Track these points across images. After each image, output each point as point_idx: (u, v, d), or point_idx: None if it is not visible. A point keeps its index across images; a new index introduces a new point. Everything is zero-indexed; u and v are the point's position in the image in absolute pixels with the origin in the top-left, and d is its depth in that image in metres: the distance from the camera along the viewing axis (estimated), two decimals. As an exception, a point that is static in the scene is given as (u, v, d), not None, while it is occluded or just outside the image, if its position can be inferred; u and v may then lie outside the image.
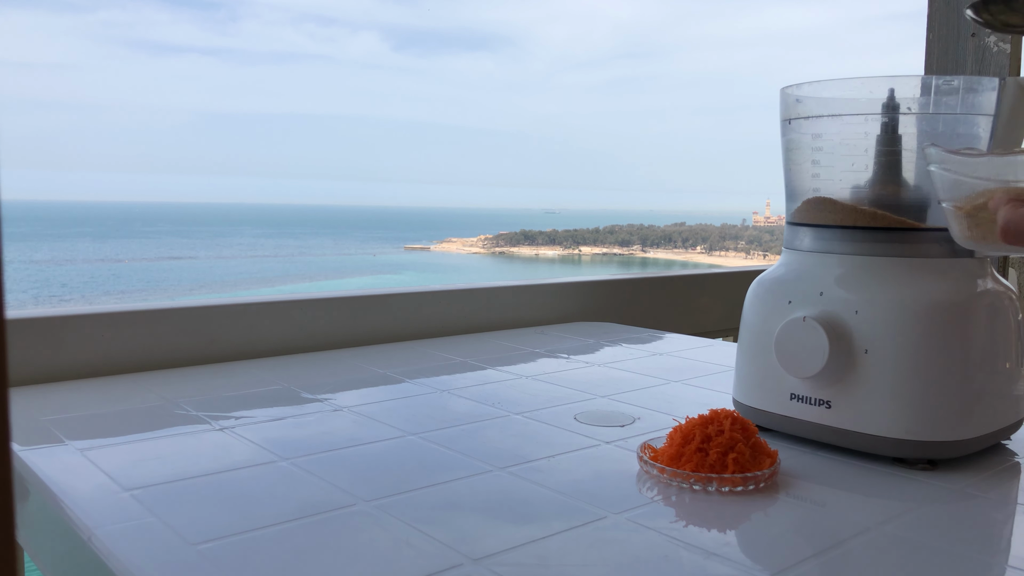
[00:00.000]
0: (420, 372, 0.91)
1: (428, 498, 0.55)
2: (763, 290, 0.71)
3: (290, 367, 0.93)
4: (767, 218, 70.00)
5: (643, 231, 63.92)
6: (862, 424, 0.63)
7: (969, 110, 0.64)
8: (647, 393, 0.84)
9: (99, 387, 0.83)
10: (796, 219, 0.71)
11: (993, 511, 0.56)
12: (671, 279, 1.46)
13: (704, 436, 0.59)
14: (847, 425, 0.64)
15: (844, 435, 0.64)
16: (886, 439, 0.62)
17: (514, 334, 1.16)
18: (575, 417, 0.75)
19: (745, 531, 0.53)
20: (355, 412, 0.75)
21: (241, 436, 0.67)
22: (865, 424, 0.63)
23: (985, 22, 0.66)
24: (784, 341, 0.66)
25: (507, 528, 0.50)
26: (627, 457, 0.64)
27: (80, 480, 0.57)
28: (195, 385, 0.84)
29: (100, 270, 34.69)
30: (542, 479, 0.59)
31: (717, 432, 0.59)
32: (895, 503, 0.56)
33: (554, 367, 0.96)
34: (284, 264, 40.68)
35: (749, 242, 58.56)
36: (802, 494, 0.59)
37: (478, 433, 0.70)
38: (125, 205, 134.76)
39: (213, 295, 15.87)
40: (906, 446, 0.62)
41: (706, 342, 1.13)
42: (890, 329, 0.62)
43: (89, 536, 0.49)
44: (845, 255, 0.66)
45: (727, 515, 0.55)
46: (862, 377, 0.63)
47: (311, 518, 0.51)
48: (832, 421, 0.65)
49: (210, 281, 32.30)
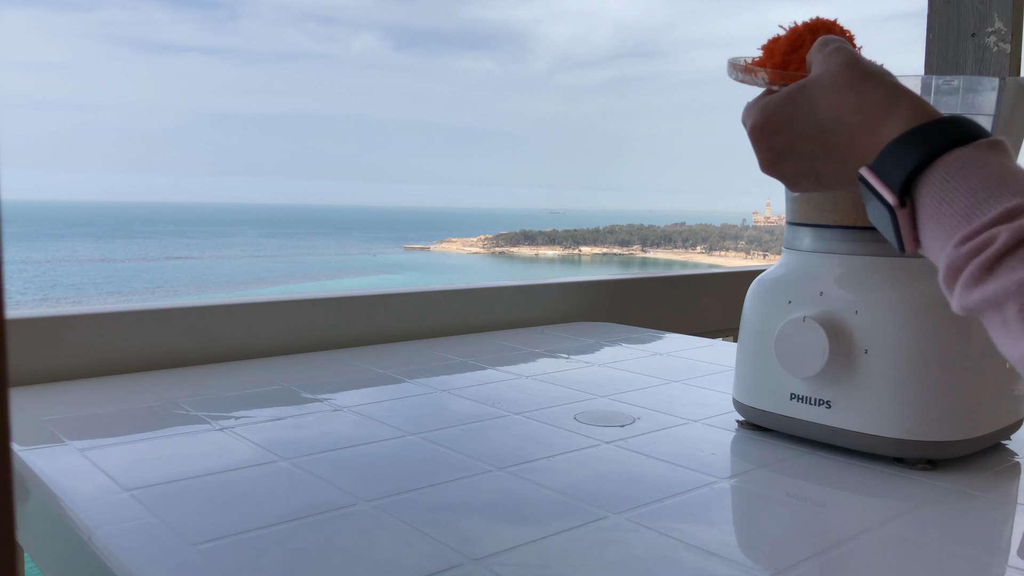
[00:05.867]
0: (420, 372, 0.91)
1: (428, 498, 0.55)
2: (763, 290, 0.71)
3: (290, 367, 0.93)
4: (767, 218, 70.00)
5: (643, 231, 63.93)
6: (862, 424, 0.63)
7: (969, 110, 0.64)
8: (647, 393, 0.84)
9: (99, 387, 0.83)
10: (796, 219, 0.71)
11: (993, 511, 0.56)
12: (671, 279, 1.46)
13: (791, 47, 0.56)
14: (847, 425, 0.64)
15: (844, 435, 0.64)
16: (886, 439, 0.62)
17: (514, 334, 1.16)
18: (575, 417, 0.75)
19: (745, 531, 0.53)
20: (355, 412, 0.75)
21: (241, 436, 0.67)
22: (865, 424, 0.63)
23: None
24: (784, 341, 0.66)
25: (507, 528, 0.50)
26: (627, 457, 0.64)
27: (80, 480, 0.57)
28: (195, 385, 0.84)
29: (100, 270, 34.70)
30: (542, 479, 0.59)
31: (799, 46, 0.56)
32: (895, 503, 0.56)
33: (554, 367, 0.96)
34: (284, 264, 40.69)
35: (749, 242, 58.56)
36: (802, 494, 0.59)
37: (478, 433, 0.70)
38: (125, 205, 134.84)
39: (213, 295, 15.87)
40: (906, 446, 0.62)
41: (706, 342, 1.13)
42: (890, 329, 0.62)
43: (89, 536, 0.49)
44: (845, 255, 0.66)
45: (727, 510, 0.55)
46: (862, 377, 0.63)
47: (311, 518, 0.51)
48: (832, 421, 0.65)
49: (210, 281, 32.31)
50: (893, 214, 0.45)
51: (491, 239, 60.74)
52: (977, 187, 0.41)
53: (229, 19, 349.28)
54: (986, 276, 0.39)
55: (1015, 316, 0.38)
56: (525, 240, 60.64)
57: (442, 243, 60.06)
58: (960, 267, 0.41)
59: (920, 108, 0.46)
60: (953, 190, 0.41)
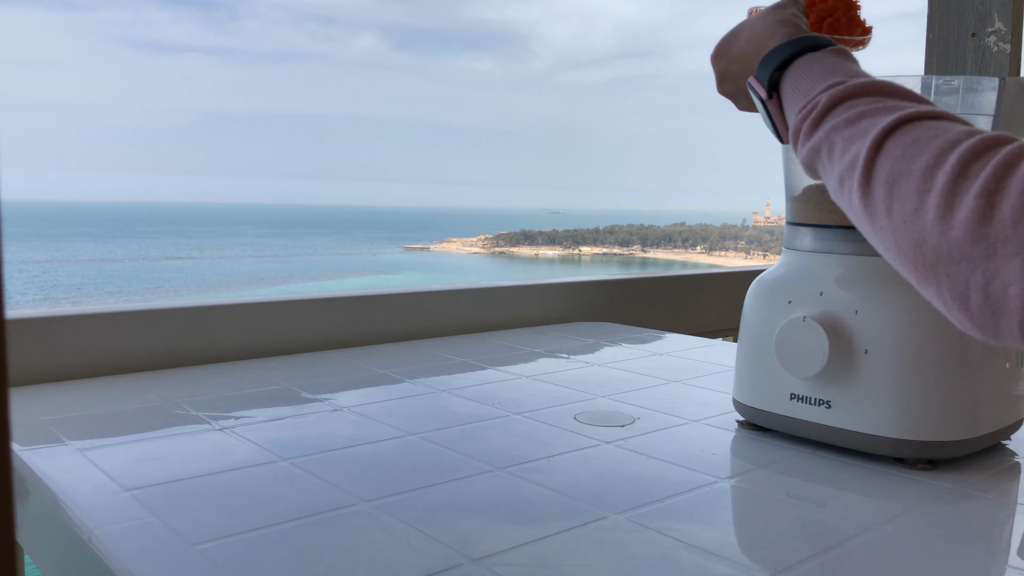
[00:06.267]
0: (420, 372, 0.91)
1: (428, 498, 0.55)
2: (763, 290, 0.71)
3: (290, 367, 0.93)
4: (767, 218, 70.00)
5: (643, 231, 63.93)
6: (862, 424, 0.63)
7: (969, 110, 0.64)
8: (647, 393, 0.84)
9: (99, 387, 0.83)
10: (796, 219, 0.71)
11: (993, 511, 0.56)
12: (671, 279, 1.46)
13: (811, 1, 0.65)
14: (847, 425, 0.64)
15: (844, 435, 0.64)
16: (886, 439, 0.62)
17: (514, 334, 1.16)
18: (575, 417, 0.75)
19: (745, 531, 0.53)
20: (355, 412, 0.75)
21: (241, 436, 0.67)
22: (865, 424, 0.63)
23: None
24: (784, 341, 0.66)
25: (507, 528, 0.50)
26: (627, 457, 0.64)
27: (80, 480, 0.57)
28: (195, 385, 0.84)
29: (100, 270, 34.70)
30: (542, 479, 0.59)
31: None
32: (895, 503, 0.56)
33: (554, 367, 0.96)
34: (284, 264, 40.70)
35: (749, 242, 58.56)
36: (802, 494, 0.59)
37: (478, 433, 0.70)
38: (125, 205, 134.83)
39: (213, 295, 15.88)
40: (906, 446, 0.62)
41: (706, 342, 1.13)
42: (890, 329, 0.62)
43: (89, 536, 0.49)
44: (845, 255, 0.66)
45: (727, 509, 0.55)
46: (862, 377, 0.63)
47: (311, 518, 0.51)
48: (832, 421, 0.65)
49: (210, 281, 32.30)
50: (767, 107, 0.56)
51: (491, 239, 60.74)
52: (816, 75, 0.52)
53: (229, 19, 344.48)
54: (812, 131, 0.50)
55: (827, 158, 0.48)
56: (525, 240, 60.64)
57: (442, 243, 60.06)
58: (798, 128, 0.51)
59: (795, 32, 0.57)
60: (800, 79, 0.53)
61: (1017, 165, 0.38)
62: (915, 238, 0.41)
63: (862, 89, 0.48)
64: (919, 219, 0.41)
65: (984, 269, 0.38)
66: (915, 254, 0.41)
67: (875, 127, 0.44)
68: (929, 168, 0.41)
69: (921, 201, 0.41)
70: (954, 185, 0.39)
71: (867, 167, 0.44)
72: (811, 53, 0.54)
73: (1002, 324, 0.38)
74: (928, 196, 0.40)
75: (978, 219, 0.38)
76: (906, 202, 0.41)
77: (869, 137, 0.44)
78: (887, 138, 0.43)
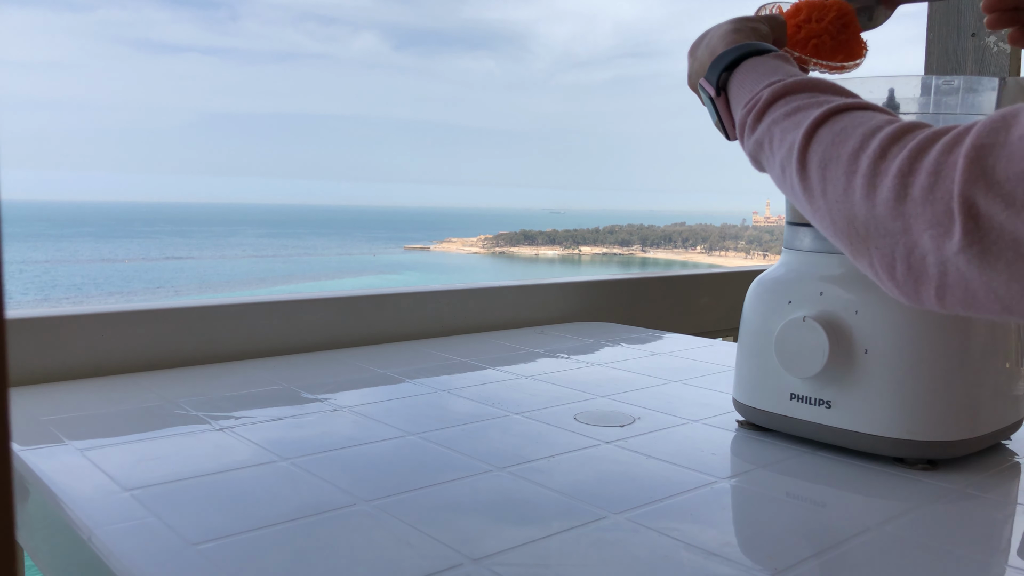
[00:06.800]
0: (420, 372, 0.91)
1: (428, 498, 0.55)
2: (763, 290, 0.71)
3: (290, 367, 0.93)
4: (767, 218, 69.98)
5: (643, 231, 63.91)
6: (862, 424, 0.63)
7: (969, 110, 0.64)
8: (647, 393, 0.84)
9: (99, 387, 0.83)
10: (796, 219, 0.71)
11: (993, 511, 0.56)
12: (671, 279, 1.46)
13: (807, 18, 0.66)
14: (847, 425, 0.64)
15: (844, 435, 0.64)
16: (886, 439, 0.62)
17: (514, 334, 1.16)
18: (575, 417, 0.75)
19: (745, 531, 0.53)
20: (355, 412, 0.75)
21: (241, 436, 0.67)
22: (865, 424, 0.63)
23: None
24: (784, 341, 0.66)
25: (507, 528, 0.50)
26: (627, 457, 0.64)
27: (80, 480, 0.57)
28: (195, 385, 0.84)
29: (100, 270, 34.70)
30: (542, 479, 0.59)
31: (818, 19, 0.66)
32: (895, 503, 0.56)
33: (554, 367, 0.96)
34: (284, 264, 40.69)
35: (749, 242, 58.55)
36: (802, 494, 0.59)
37: (478, 433, 0.70)
38: (125, 205, 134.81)
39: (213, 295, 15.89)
40: (906, 446, 0.62)
41: (706, 342, 1.13)
42: (890, 329, 0.62)
43: (89, 536, 0.49)
44: (845, 255, 0.66)
45: (727, 509, 0.55)
46: (862, 377, 0.63)
47: (311, 518, 0.51)
48: (832, 421, 0.65)
49: (210, 281, 32.30)
50: (715, 105, 0.60)
51: (491, 239, 60.73)
52: (760, 74, 0.56)
53: (229, 19, 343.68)
54: (756, 124, 0.53)
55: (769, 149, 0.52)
56: (525, 240, 60.63)
57: (442, 243, 60.05)
58: (743, 123, 0.55)
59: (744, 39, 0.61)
60: (745, 78, 0.57)
61: (929, 149, 0.41)
62: (848, 214, 0.45)
63: (798, 86, 0.52)
64: (848, 198, 0.44)
65: (905, 241, 0.42)
66: (848, 229, 0.45)
67: (808, 119, 0.48)
68: (855, 152, 0.44)
69: (849, 182, 0.44)
70: (876, 167, 0.43)
71: (802, 154, 0.48)
72: (756, 57, 0.58)
73: (922, 290, 0.42)
74: (855, 177, 0.44)
75: (895, 197, 0.42)
76: (837, 183, 0.45)
77: (803, 128, 0.48)
78: (818, 128, 0.48)
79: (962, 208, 0.38)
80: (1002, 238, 0.37)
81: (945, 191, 0.39)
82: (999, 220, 0.37)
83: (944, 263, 0.40)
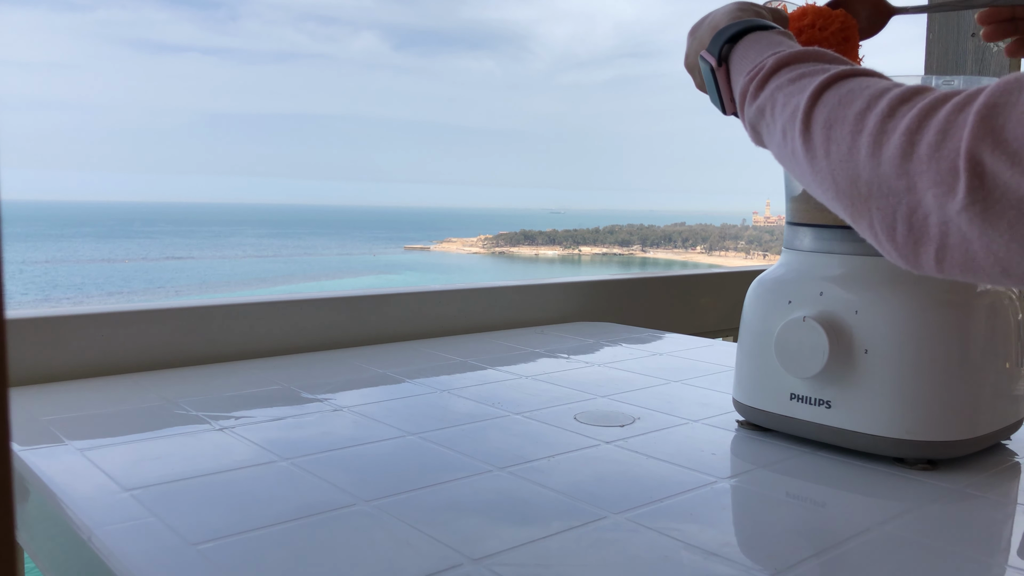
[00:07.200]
0: (420, 372, 0.91)
1: (428, 498, 0.55)
2: (763, 290, 0.71)
3: (290, 367, 0.93)
4: (767, 218, 69.98)
5: (643, 231, 63.91)
6: (862, 424, 0.63)
7: (969, 110, 0.64)
8: (647, 393, 0.84)
9: (99, 387, 0.83)
10: (796, 219, 0.71)
11: (993, 511, 0.56)
12: (671, 279, 1.46)
13: (811, 24, 0.67)
14: (847, 425, 0.64)
15: (844, 435, 0.64)
16: (886, 439, 0.62)
17: (514, 334, 1.16)
18: (575, 417, 0.75)
19: (745, 531, 0.53)
20: (355, 412, 0.75)
21: (241, 436, 0.67)
22: (865, 424, 0.63)
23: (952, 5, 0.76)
24: (784, 341, 0.66)
25: (507, 528, 0.50)
26: (627, 457, 0.64)
27: (80, 480, 0.57)
28: (195, 385, 0.84)
29: (100, 270, 34.69)
30: (542, 479, 0.59)
31: (821, 27, 0.66)
32: (895, 503, 0.56)
33: (554, 367, 0.96)
34: (284, 264, 40.69)
35: (749, 242, 58.54)
36: (802, 494, 0.59)
37: (478, 433, 0.70)
38: (125, 205, 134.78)
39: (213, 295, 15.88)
40: (906, 446, 0.62)
41: (706, 342, 1.13)
42: (890, 329, 0.62)
43: (89, 536, 0.49)
44: (845, 255, 0.66)
45: (727, 509, 0.55)
46: (862, 377, 0.63)
47: (311, 518, 0.51)
48: (832, 421, 0.65)
49: (210, 281, 32.30)
50: (715, 76, 0.60)
51: (491, 239, 60.72)
52: (763, 47, 0.56)
53: (229, 19, 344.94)
54: (759, 91, 0.53)
55: (771, 115, 0.52)
56: (525, 240, 60.61)
57: (442, 243, 60.03)
58: (745, 90, 0.55)
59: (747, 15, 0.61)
60: (749, 49, 0.57)
61: (939, 108, 0.41)
62: (851, 174, 0.44)
63: (804, 55, 0.53)
64: (852, 157, 0.44)
65: (908, 200, 0.41)
66: (851, 189, 0.45)
67: (813, 83, 0.49)
68: (861, 112, 0.44)
69: (854, 141, 0.44)
70: (883, 125, 0.43)
71: (807, 115, 0.48)
72: (758, 31, 0.59)
73: (922, 252, 0.42)
74: (860, 136, 0.44)
75: (901, 155, 0.41)
76: (841, 143, 0.45)
77: (808, 91, 0.48)
78: (825, 90, 0.48)
79: (968, 165, 0.38)
80: (1005, 197, 0.37)
81: (952, 148, 0.39)
82: (1004, 179, 0.37)
83: (946, 223, 0.40)
